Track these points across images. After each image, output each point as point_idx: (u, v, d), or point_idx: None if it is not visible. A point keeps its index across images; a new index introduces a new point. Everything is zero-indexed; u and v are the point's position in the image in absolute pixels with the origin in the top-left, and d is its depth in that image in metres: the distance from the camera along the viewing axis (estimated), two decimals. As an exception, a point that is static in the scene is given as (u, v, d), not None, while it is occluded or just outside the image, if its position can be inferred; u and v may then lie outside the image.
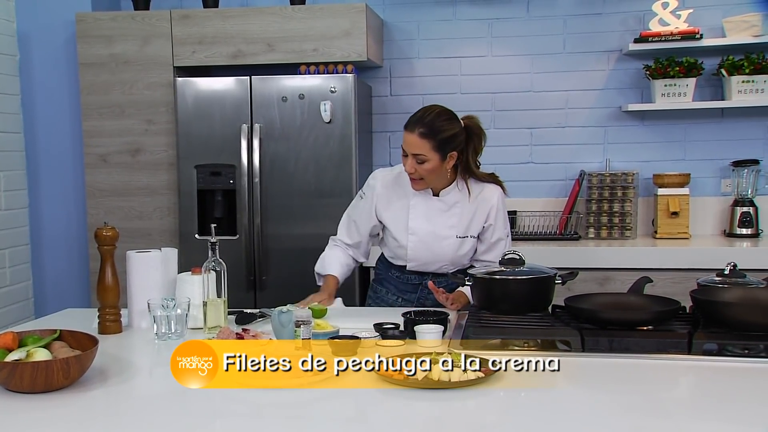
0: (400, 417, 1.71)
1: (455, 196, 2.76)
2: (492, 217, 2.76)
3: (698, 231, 4.25)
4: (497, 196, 2.79)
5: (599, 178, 4.20)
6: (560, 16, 4.34)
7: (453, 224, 2.75)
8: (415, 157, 2.63)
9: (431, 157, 2.63)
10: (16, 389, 1.82)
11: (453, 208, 2.76)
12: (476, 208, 2.75)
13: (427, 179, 2.69)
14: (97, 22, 4.16)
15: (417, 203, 2.78)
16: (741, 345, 2.02)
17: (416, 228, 2.77)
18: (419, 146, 2.61)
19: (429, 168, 2.64)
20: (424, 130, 2.62)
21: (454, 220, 2.75)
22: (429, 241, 2.76)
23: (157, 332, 2.32)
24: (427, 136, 2.61)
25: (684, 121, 4.28)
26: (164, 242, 4.07)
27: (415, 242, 2.77)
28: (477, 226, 2.76)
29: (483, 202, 2.76)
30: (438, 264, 2.78)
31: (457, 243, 2.76)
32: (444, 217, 2.76)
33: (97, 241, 2.41)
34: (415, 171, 2.65)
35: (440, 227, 2.75)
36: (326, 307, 2.33)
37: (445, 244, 2.75)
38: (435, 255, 2.76)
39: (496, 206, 2.77)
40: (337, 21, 4.00)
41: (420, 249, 2.77)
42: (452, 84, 4.45)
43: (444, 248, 2.75)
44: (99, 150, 4.20)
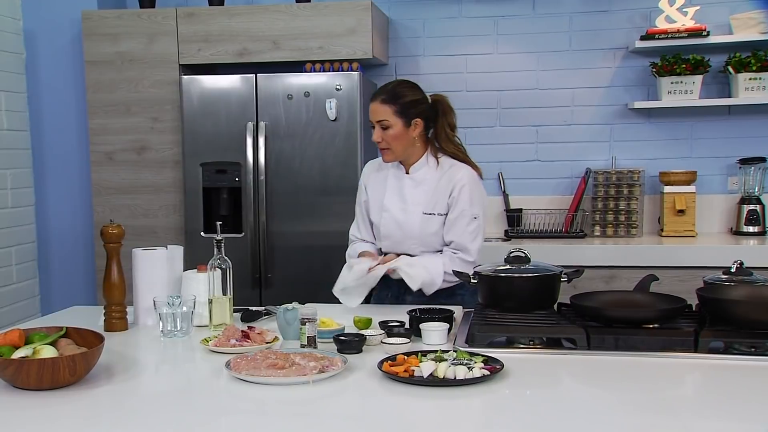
0: (405, 414, 1.71)
1: (425, 172, 2.79)
2: (455, 194, 2.73)
3: (705, 229, 4.23)
4: (465, 173, 2.76)
5: (605, 176, 4.19)
6: (566, 14, 4.33)
7: (419, 200, 2.76)
8: (379, 124, 2.71)
9: (394, 122, 2.70)
10: (22, 386, 1.82)
11: (422, 185, 2.78)
12: (443, 184, 2.75)
13: (394, 148, 2.74)
14: (103, 20, 4.16)
15: (392, 182, 2.83)
16: (748, 343, 2.02)
17: (389, 205, 2.81)
18: (382, 112, 2.71)
19: (393, 134, 2.71)
20: (385, 96, 2.73)
21: (421, 197, 2.77)
22: (399, 217, 2.77)
23: (162, 330, 2.32)
24: (388, 101, 2.71)
25: (690, 119, 4.26)
26: (170, 240, 4.07)
27: (387, 219, 2.80)
28: (443, 203, 2.75)
29: (450, 179, 2.75)
30: (408, 243, 2.77)
31: (422, 219, 2.75)
32: (413, 194, 2.78)
33: (103, 238, 2.42)
34: (382, 139, 2.73)
35: (409, 203, 2.77)
36: (371, 318, 2.33)
37: (412, 220, 2.76)
38: (404, 232, 2.76)
39: (461, 183, 2.73)
40: (342, 19, 4.00)
41: (391, 226, 2.78)
42: (458, 82, 4.45)
43: (411, 225, 2.76)
44: (105, 148, 4.21)
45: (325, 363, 1.92)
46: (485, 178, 4.34)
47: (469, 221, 2.74)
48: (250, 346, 2.12)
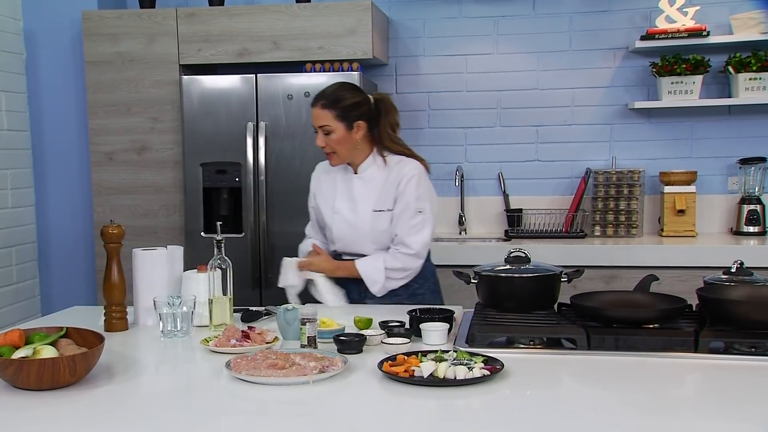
0: (405, 415, 1.71)
1: (373, 171, 2.80)
2: (402, 186, 2.74)
3: (705, 229, 4.23)
4: (412, 168, 2.77)
5: (605, 176, 4.19)
6: (566, 14, 4.33)
7: (369, 198, 2.78)
8: (321, 129, 2.72)
9: (336, 127, 2.71)
10: (23, 386, 1.82)
11: (370, 183, 2.79)
12: (391, 180, 2.77)
13: (339, 152, 2.75)
14: (103, 20, 4.16)
15: (341, 184, 2.84)
16: (748, 343, 2.02)
17: (339, 206, 2.82)
18: (322, 117, 2.72)
19: (336, 139, 2.72)
20: (325, 101, 2.73)
21: (370, 195, 2.78)
22: (350, 217, 2.79)
23: (162, 330, 2.32)
24: (329, 106, 2.72)
25: (691, 119, 4.27)
26: (170, 240, 4.07)
27: (338, 220, 2.82)
28: (391, 199, 2.76)
29: (396, 174, 2.77)
30: (360, 242, 2.79)
31: (372, 217, 2.76)
32: (362, 193, 2.79)
33: (103, 238, 2.42)
34: (326, 144, 2.74)
35: (358, 202, 2.79)
36: (371, 318, 2.33)
37: (363, 219, 2.77)
38: (355, 232, 2.78)
39: (407, 177, 2.74)
40: (342, 19, 4.00)
41: (343, 227, 2.80)
42: (458, 82, 4.45)
43: (361, 223, 2.77)
44: (105, 148, 4.21)
45: (325, 363, 1.92)
46: (486, 178, 4.43)
47: (413, 215, 2.75)
48: (250, 347, 2.12)
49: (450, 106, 4.46)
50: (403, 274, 2.78)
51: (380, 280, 2.75)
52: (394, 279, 2.77)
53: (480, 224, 4.47)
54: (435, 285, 2.95)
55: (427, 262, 2.90)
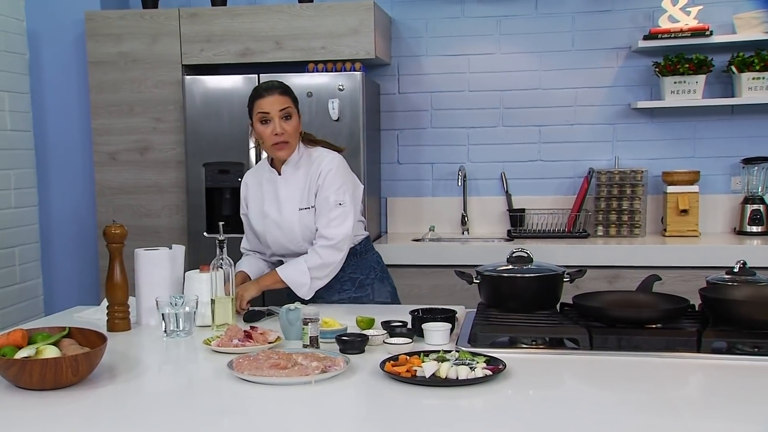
0: (407, 414, 1.70)
1: (295, 170, 2.77)
2: (320, 180, 2.73)
3: (708, 229, 4.23)
4: (329, 160, 2.76)
5: (608, 176, 4.19)
6: (569, 13, 4.33)
7: (293, 197, 2.76)
8: (282, 113, 2.66)
9: (294, 111, 2.70)
10: (25, 386, 1.82)
11: (294, 182, 2.77)
12: (310, 176, 2.75)
13: (292, 141, 2.71)
14: (106, 20, 4.17)
15: (268, 188, 2.81)
16: (750, 343, 2.01)
17: (268, 210, 2.80)
18: (283, 101, 2.67)
19: (294, 124, 2.70)
20: (281, 89, 2.69)
21: (294, 194, 2.76)
22: (278, 220, 2.77)
23: (165, 330, 2.32)
24: (287, 92, 2.70)
25: (694, 119, 4.26)
26: (173, 240, 4.06)
27: (269, 224, 2.79)
28: (313, 194, 2.75)
29: (316, 168, 2.75)
30: (294, 243, 2.76)
31: (299, 215, 2.74)
32: (286, 193, 2.77)
33: (105, 238, 2.42)
34: (284, 131, 2.67)
35: (284, 202, 2.77)
36: (373, 318, 2.33)
37: (289, 219, 2.75)
38: (285, 233, 2.76)
39: (325, 169, 2.73)
40: (345, 19, 4.00)
41: (273, 230, 2.77)
42: (460, 82, 4.44)
43: (289, 223, 2.75)
44: (108, 148, 4.21)
45: (327, 363, 1.92)
46: (489, 178, 4.43)
47: (333, 207, 2.71)
48: (252, 346, 2.12)
49: (452, 105, 4.46)
50: (326, 271, 2.71)
51: (306, 281, 2.68)
52: (319, 278, 2.71)
53: (482, 224, 4.47)
54: (382, 272, 2.93)
55: (369, 253, 2.90)
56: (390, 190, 4.55)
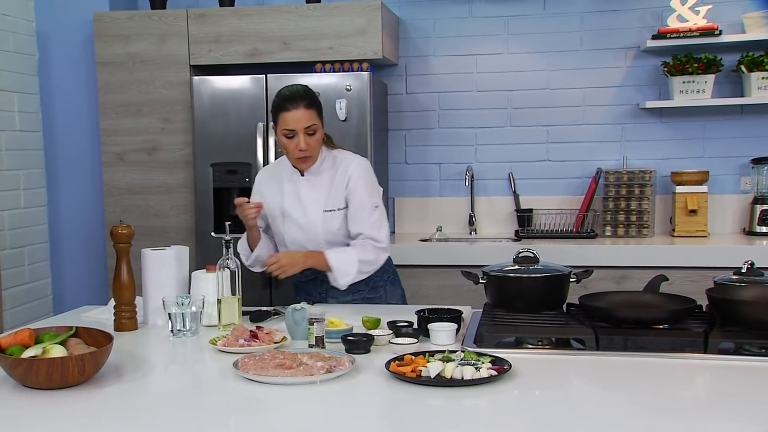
0: (412, 414, 1.70)
1: (320, 171, 2.77)
2: (351, 185, 2.73)
3: (717, 229, 4.21)
4: (357, 164, 2.77)
5: (616, 176, 4.17)
6: (577, 13, 4.32)
7: (318, 199, 2.76)
8: (305, 131, 2.64)
9: (319, 126, 2.67)
10: (32, 385, 1.83)
11: (318, 184, 2.77)
12: (338, 179, 2.75)
13: (315, 155, 2.71)
14: (114, 21, 4.18)
15: (288, 187, 2.79)
16: (758, 344, 2.00)
17: (289, 209, 2.78)
18: (309, 117, 2.64)
19: (318, 138, 2.68)
20: (307, 101, 2.65)
21: (319, 195, 2.76)
22: (300, 220, 2.76)
23: (172, 329, 2.33)
24: (311, 105, 2.65)
25: (702, 118, 4.24)
26: (181, 240, 4.09)
27: (289, 224, 2.77)
28: (341, 197, 2.75)
29: (343, 171, 2.76)
30: (313, 244, 2.76)
31: (323, 217, 2.74)
32: (310, 194, 2.76)
33: (112, 238, 2.43)
34: (308, 146, 2.66)
35: (308, 204, 2.76)
36: (379, 318, 2.33)
37: (313, 221, 2.74)
38: (307, 233, 2.75)
39: (355, 173, 2.74)
40: (352, 19, 4.00)
41: (293, 229, 2.75)
42: (468, 82, 4.44)
43: (312, 225, 2.74)
44: (116, 148, 4.23)
45: (332, 363, 1.92)
46: (496, 178, 4.42)
47: (371, 211, 2.75)
48: (258, 346, 2.12)
49: (460, 106, 4.46)
50: (372, 267, 2.76)
51: (352, 272, 2.70)
52: (364, 272, 2.73)
53: (490, 224, 4.46)
54: (394, 275, 2.95)
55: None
56: (397, 190, 4.55)
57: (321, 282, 2.81)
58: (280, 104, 2.66)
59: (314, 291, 2.84)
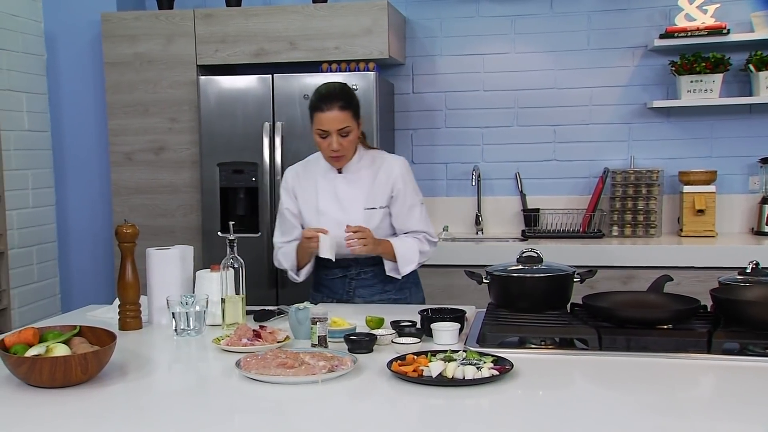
0: (413, 414, 1.71)
1: (358, 169, 2.78)
2: (399, 185, 2.77)
3: (725, 229, 4.19)
4: (400, 164, 2.81)
5: (623, 176, 4.16)
6: (584, 12, 4.31)
7: (358, 197, 2.76)
8: (339, 133, 2.64)
9: (353, 127, 2.68)
10: (35, 384, 1.84)
11: (358, 182, 2.77)
12: (380, 178, 2.76)
13: (348, 153, 2.73)
14: (121, 21, 4.20)
15: (324, 184, 2.79)
16: (762, 344, 1.99)
17: (325, 207, 2.77)
18: (343, 119, 2.64)
19: (352, 139, 2.69)
20: (342, 102, 2.64)
21: (359, 193, 2.76)
22: (339, 217, 2.74)
23: (176, 329, 2.34)
24: (347, 107, 2.65)
25: (710, 118, 4.22)
26: (187, 239, 4.10)
27: (326, 220, 2.75)
28: (383, 196, 2.76)
29: (386, 171, 2.77)
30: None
31: (365, 215, 2.75)
32: (350, 192, 2.76)
33: (117, 238, 2.44)
34: (341, 147, 2.66)
35: (347, 202, 2.76)
36: (383, 317, 2.33)
37: (354, 218, 2.73)
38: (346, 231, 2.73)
39: (401, 174, 2.77)
40: (358, 19, 4.01)
41: (332, 226, 2.72)
42: (475, 81, 4.43)
43: (354, 222, 2.72)
44: (124, 148, 4.24)
45: (334, 362, 1.92)
46: (503, 177, 4.42)
47: (420, 208, 2.82)
48: (261, 346, 2.13)
49: (467, 105, 4.45)
50: (425, 259, 2.82)
51: (415, 261, 2.76)
52: (419, 263, 2.80)
53: (497, 224, 4.46)
54: (417, 277, 2.96)
55: None
56: (404, 190, 4.54)
57: (350, 281, 2.81)
58: (315, 103, 2.67)
59: (341, 289, 2.84)
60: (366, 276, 2.80)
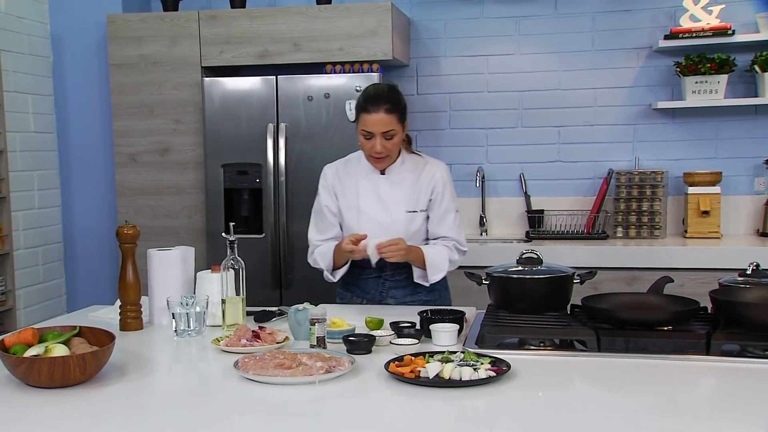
0: (409, 415, 1.71)
1: (401, 171, 2.78)
2: (439, 189, 2.77)
3: (730, 230, 4.17)
4: (442, 169, 2.82)
5: (628, 177, 4.15)
6: (589, 13, 4.30)
7: (401, 199, 2.76)
8: (383, 135, 2.64)
9: (398, 130, 2.67)
10: (34, 384, 1.85)
11: (400, 184, 2.77)
12: (422, 182, 2.77)
13: (392, 156, 2.74)
14: (127, 23, 4.22)
15: (365, 184, 2.79)
16: (761, 346, 1.98)
17: (366, 207, 2.77)
18: (388, 122, 2.64)
19: (396, 142, 2.69)
20: (388, 105, 2.64)
21: (401, 195, 2.76)
22: (380, 218, 2.74)
23: (176, 329, 2.34)
24: (393, 110, 2.65)
25: (716, 119, 4.20)
26: (192, 240, 4.12)
27: (366, 221, 2.75)
28: (424, 199, 2.77)
29: (428, 175, 2.78)
30: None
31: (407, 218, 2.75)
32: (391, 193, 2.76)
33: (118, 239, 2.45)
34: (384, 149, 2.67)
35: (389, 203, 2.76)
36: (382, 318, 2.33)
37: (396, 220, 2.74)
38: (387, 232, 2.71)
39: (441, 179, 2.78)
40: (362, 20, 4.01)
41: (372, 227, 2.72)
42: (479, 82, 4.43)
43: (395, 224, 2.73)
44: (129, 149, 4.26)
45: (332, 363, 1.92)
46: (507, 179, 4.41)
47: (455, 216, 2.82)
48: (260, 346, 2.13)
49: (471, 106, 4.45)
50: (453, 267, 2.82)
51: (444, 269, 2.77)
52: (447, 271, 2.80)
53: (501, 225, 4.45)
54: (446, 280, 2.95)
55: None
56: (409, 191, 4.54)
57: (384, 281, 2.81)
58: (362, 104, 2.67)
59: (374, 289, 2.83)
60: (400, 278, 2.80)
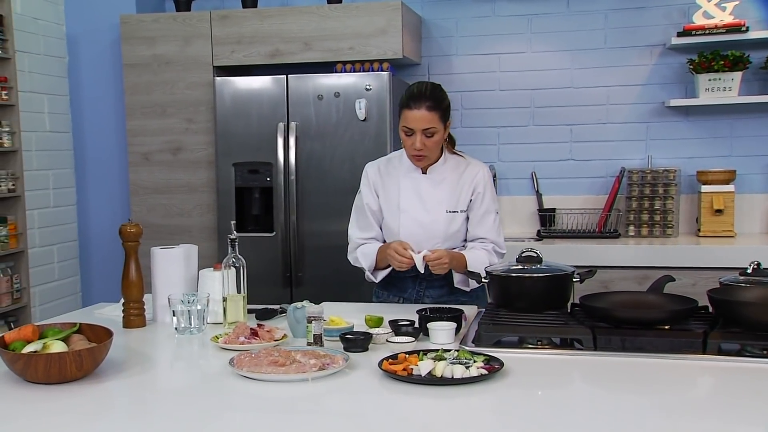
0: (401, 412, 1.71)
1: (442, 171, 2.76)
2: (480, 190, 2.75)
3: (745, 229, 4.12)
4: (483, 170, 2.80)
5: (640, 175, 4.12)
6: (601, 11, 4.27)
7: (442, 199, 2.74)
8: (423, 133, 2.62)
9: (439, 128, 2.64)
10: (31, 380, 1.88)
11: (441, 184, 2.75)
12: (463, 182, 2.75)
13: (432, 154, 2.71)
14: (140, 23, 4.26)
15: (407, 183, 2.77)
16: (759, 345, 1.96)
17: (407, 206, 2.75)
18: (429, 120, 2.61)
19: (437, 140, 2.66)
20: (430, 103, 2.61)
21: (442, 195, 2.74)
22: (421, 218, 2.73)
23: (177, 327, 2.37)
24: (434, 108, 2.61)
25: (730, 116, 4.16)
26: (204, 239, 4.15)
27: (406, 219, 2.74)
28: (464, 200, 2.75)
29: (469, 176, 2.76)
30: (431, 242, 2.72)
31: (447, 218, 2.73)
32: (433, 193, 2.75)
33: (121, 237, 2.48)
34: (424, 147, 2.65)
35: (430, 203, 2.74)
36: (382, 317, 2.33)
37: (436, 219, 2.72)
38: (427, 231, 2.71)
39: (483, 180, 2.76)
40: (373, 19, 4.02)
41: (412, 226, 2.71)
42: (491, 81, 4.42)
43: (435, 224, 2.72)
44: (142, 149, 4.30)
45: (326, 361, 1.93)
46: (519, 177, 4.40)
47: (495, 217, 2.79)
48: (257, 344, 2.15)
49: (483, 105, 4.44)
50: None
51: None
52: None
53: (513, 224, 4.43)
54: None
55: None
56: (420, 190, 4.54)
57: (421, 281, 2.80)
58: (405, 101, 2.66)
59: (411, 288, 2.82)
60: (437, 277, 2.77)
